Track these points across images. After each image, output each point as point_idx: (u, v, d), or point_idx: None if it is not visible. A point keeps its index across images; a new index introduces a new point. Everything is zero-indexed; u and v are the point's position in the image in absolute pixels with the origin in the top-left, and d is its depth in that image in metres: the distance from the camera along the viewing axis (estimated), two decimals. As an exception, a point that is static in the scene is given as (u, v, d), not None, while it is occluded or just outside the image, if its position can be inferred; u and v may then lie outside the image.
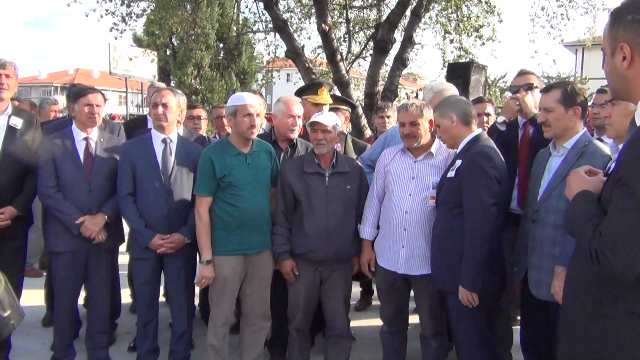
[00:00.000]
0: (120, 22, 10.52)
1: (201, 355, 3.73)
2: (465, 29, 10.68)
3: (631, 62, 1.52)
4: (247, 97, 3.24)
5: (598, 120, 4.05)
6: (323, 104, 3.99)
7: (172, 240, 3.40)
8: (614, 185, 1.52)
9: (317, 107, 3.93)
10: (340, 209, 3.27)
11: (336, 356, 3.47)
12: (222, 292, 3.29)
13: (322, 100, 4.00)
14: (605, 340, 1.56)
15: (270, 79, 14.68)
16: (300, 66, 9.24)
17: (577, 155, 2.72)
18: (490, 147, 2.94)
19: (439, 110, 3.05)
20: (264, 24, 12.30)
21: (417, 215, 3.12)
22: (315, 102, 3.98)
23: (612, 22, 1.57)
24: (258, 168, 3.30)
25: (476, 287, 2.78)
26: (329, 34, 8.91)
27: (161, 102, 3.41)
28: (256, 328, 3.45)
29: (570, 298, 1.77)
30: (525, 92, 3.51)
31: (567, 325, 1.75)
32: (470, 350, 2.97)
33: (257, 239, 3.29)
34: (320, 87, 4.07)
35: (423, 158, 3.22)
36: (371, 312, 4.79)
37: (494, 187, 2.81)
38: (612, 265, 1.45)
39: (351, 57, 12.35)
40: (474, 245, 2.77)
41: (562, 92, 2.79)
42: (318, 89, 4.04)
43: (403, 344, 3.51)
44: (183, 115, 4.12)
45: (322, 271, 3.33)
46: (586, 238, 1.55)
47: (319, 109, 3.86)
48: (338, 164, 3.32)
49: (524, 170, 3.36)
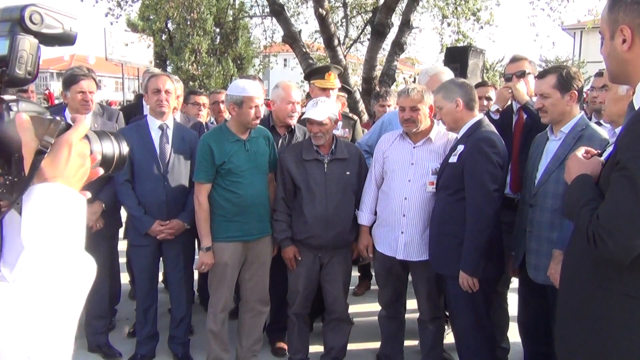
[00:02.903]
0: (116, 7, 10.42)
1: (200, 340, 3.75)
2: (463, 13, 10.61)
3: (631, 45, 1.51)
4: (252, 87, 3.19)
5: (596, 104, 4.05)
6: (331, 89, 3.96)
7: (171, 226, 3.40)
8: (611, 169, 1.53)
9: (324, 91, 3.91)
10: (340, 194, 3.27)
11: (335, 340, 3.50)
12: (222, 278, 3.30)
13: (330, 84, 3.97)
14: (602, 322, 1.57)
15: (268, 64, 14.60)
16: (297, 51, 9.17)
17: (575, 139, 2.71)
18: (493, 133, 2.94)
19: (443, 93, 3.03)
20: (260, 9, 12.21)
21: (416, 201, 3.13)
22: (322, 86, 3.95)
23: (612, 4, 1.55)
24: (257, 154, 3.29)
25: (477, 272, 2.79)
26: (326, 19, 8.84)
27: (164, 89, 3.39)
28: (255, 313, 3.47)
29: (567, 281, 1.78)
30: (517, 80, 3.51)
31: (564, 308, 1.77)
32: (468, 333, 2.99)
33: (257, 225, 3.30)
34: (328, 71, 4.03)
35: (422, 144, 3.22)
36: (369, 297, 4.82)
37: (497, 172, 2.82)
38: (609, 248, 1.46)
39: (349, 41, 12.29)
40: (476, 230, 2.78)
41: (557, 77, 2.78)
42: (325, 73, 4.00)
43: (401, 328, 3.54)
44: (179, 102, 4.10)
45: (322, 256, 3.35)
46: (584, 221, 1.55)
47: (326, 94, 3.84)
48: (337, 151, 3.31)
49: (517, 156, 3.37)
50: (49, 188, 0.90)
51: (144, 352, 3.58)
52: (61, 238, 0.87)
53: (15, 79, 0.97)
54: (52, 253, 0.84)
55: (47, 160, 0.92)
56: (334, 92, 3.98)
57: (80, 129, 0.98)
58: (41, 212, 0.88)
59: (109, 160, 1.08)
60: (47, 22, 0.99)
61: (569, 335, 1.72)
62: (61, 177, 0.92)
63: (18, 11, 0.97)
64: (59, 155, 0.93)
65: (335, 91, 4.02)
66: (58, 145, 0.94)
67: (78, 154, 0.96)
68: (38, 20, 0.98)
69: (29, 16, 0.97)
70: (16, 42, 0.96)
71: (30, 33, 0.97)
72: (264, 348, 3.69)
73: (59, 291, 0.82)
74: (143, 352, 3.58)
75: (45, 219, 0.87)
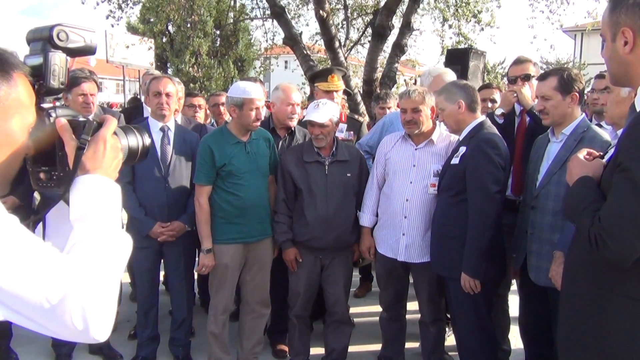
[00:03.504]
0: (117, 10, 10.42)
1: (201, 342, 3.75)
2: (464, 15, 10.61)
3: (633, 47, 1.51)
4: (253, 90, 3.19)
5: (597, 106, 4.04)
6: (334, 91, 3.95)
7: (172, 228, 3.40)
8: (613, 171, 1.52)
9: (328, 94, 3.90)
10: (340, 196, 3.27)
11: (336, 342, 3.49)
12: (223, 280, 3.30)
13: (333, 87, 3.96)
14: (603, 325, 1.56)
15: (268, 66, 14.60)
16: (298, 53, 9.17)
17: (576, 141, 2.71)
18: (495, 134, 2.94)
19: (445, 95, 3.03)
20: (261, 11, 12.21)
21: (417, 203, 3.13)
22: (326, 89, 3.94)
23: (613, 6, 1.55)
24: (257, 156, 3.29)
25: (479, 274, 2.79)
26: (327, 21, 8.84)
27: (165, 92, 3.39)
28: (256, 315, 3.47)
29: (568, 283, 1.77)
30: (523, 83, 3.49)
31: (565, 310, 1.76)
32: (469, 335, 2.99)
33: (257, 227, 3.30)
34: (331, 73, 4.03)
35: (424, 145, 3.22)
36: (370, 299, 4.81)
37: (499, 174, 2.82)
38: (611, 251, 1.45)
39: (349, 43, 12.28)
40: (478, 232, 2.78)
41: (558, 79, 2.78)
42: (328, 76, 4.00)
43: (402, 330, 3.53)
44: (181, 104, 4.10)
45: (323, 258, 3.35)
46: (585, 223, 1.55)
47: (330, 96, 3.83)
48: (338, 152, 3.31)
49: (519, 158, 3.37)
50: (91, 179, 1.09)
51: (145, 354, 3.58)
52: (103, 218, 1.06)
53: (51, 90, 1.14)
54: (98, 230, 1.04)
55: (87, 155, 1.10)
56: (338, 94, 3.97)
57: (111, 126, 1.16)
58: (86, 199, 1.07)
59: (135, 152, 1.25)
60: (72, 37, 1.16)
61: (571, 337, 1.71)
62: (100, 168, 1.11)
63: (47, 31, 1.14)
64: (97, 150, 1.11)
65: (339, 93, 4.01)
66: (94, 141, 1.12)
67: (111, 147, 1.14)
68: (64, 37, 1.15)
69: (56, 34, 1.14)
70: (49, 58, 1.12)
71: (59, 49, 1.14)
72: (264, 350, 3.68)
73: (105, 258, 1.01)
74: (144, 354, 3.58)
75: (90, 204, 1.06)
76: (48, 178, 1.14)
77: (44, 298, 0.90)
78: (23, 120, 1.03)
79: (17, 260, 0.89)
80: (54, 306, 0.90)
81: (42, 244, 0.95)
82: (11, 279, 0.88)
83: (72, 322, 0.92)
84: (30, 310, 0.90)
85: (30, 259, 0.90)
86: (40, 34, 1.15)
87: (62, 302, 0.91)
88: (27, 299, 0.89)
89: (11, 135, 1.01)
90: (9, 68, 1.00)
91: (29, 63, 1.12)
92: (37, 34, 1.15)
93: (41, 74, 1.12)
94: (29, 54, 1.16)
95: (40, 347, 3.75)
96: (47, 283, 0.90)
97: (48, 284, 0.90)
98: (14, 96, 1.00)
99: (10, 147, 1.01)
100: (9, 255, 0.89)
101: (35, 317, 0.92)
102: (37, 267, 0.90)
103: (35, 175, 1.16)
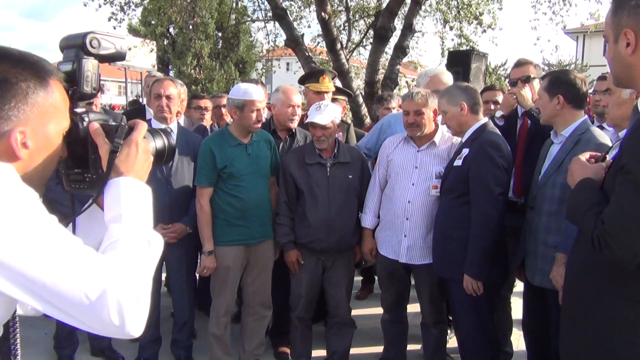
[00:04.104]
0: (119, 12, 10.45)
1: (203, 344, 3.74)
2: (466, 17, 10.61)
3: (635, 48, 1.50)
4: (254, 91, 3.19)
5: (599, 107, 4.04)
6: (325, 92, 3.96)
7: (174, 229, 3.40)
8: (616, 173, 1.52)
9: (319, 95, 3.90)
10: (342, 198, 3.27)
11: (338, 344, 3.48)
12: (224, 282, 3.30)
13: (324, 88, 3.97)
14: (606, 327, 1.56)
15: (270, 68, 14.62)
16: (300, 55, 9.18)
17: (574, 142, 2.72)
18: (498, 136, 2.94)
19: (447, 97, 3.03)
20: (263, 13, 12.23)
21: (419, 205, 3.12)
22: (317, 90, 3.95)
23: (615, 8, 1.55)
24: (258, 158, 3.29)
25: (481, 275, 2.79)
26: (329, 23, 8.84)
27: (165, 94, 3.39)
28: (257, 317, 3.47)
29: (571, 285, 1.77)
30: (523, 85, 3.51)
31: (568, 312, 1.76)
32: (471, 337, 2.98)
33: (259, 228, 3.30)
34: (322, 74, 4.03)
35: (426, 147, 3.21)
36: (372, 301, 4.80)
37: (502, 176, 2.82)
38: (614, 253, 1.45)
39: (351, 45, 12.28)
40: (481, 234, 2.78)
41: (548, 80, 2.83)
42: (319, 77, 4.01)
43: (404, 332, 3.53)
44: (183, 106, 4.11)
45: (325, 260, 3.34)
46: (588, 226, 1.54)
47: (321, 97, 3.84)
48: (339, 154, 3.31)
49: (520, 160, 3.37)
50: (125, 181, 1.14)
51: (146, 356, 3.57)
52: (137, 219, 1.11)
53: (84, 95, 1.19)
54: (132, 230, 1.09)
55: (120, 158, 1.14)
56: (328, 95, 3.98)
57: (142, 130, 1.20)
58: (121, 201, 1.11)
59: (162, 153, 1.30)
60: (103, 44, 1.21)
61: (574, 340, 1.71)
62: (132, 171, 1.16)
63: (80, 38, 1.18)
64: (129, 153, 1.16)
65: (329, 94, 4.02)
66: (127, 145, 1.16)
67: (143, 150, 1.19)
68: (96, 44, 1.19)
69: (89, 42, 1.18)
70: (82, 65, 1.17)
71: (91, 55, 1.19)
72: (266, 352, 3.68)
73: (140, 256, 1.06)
74: (146, 356, 3.57)
75: (125, 205, 1.11)
76: (80, 180, 1.20)
77: (84, 294, 0.93)
78: (58, 124, 1.08)
79: (58, 258, 0.93)
80: (93, 302, 0.94)
81: (80, 242, 0.98)
82: (52, 276, 0.92)
83: (109, 317, 0.95)
84: (69, 305, 0.94)
85: (71, 256, 0.94)
86: (74, 41, 1.19)
87: (101, 298, 0.94)
88: (67, 295, 0.93)
89: (48, 139, 1.06)
90: (46, 75, 1.04)
91: (63, 69, 1.16)
92: (71, 42, 1.20)
93: (75, 79, 1.16)
94: (62, 60, 1.20)
95: (43, 349, 3.75)
96: (86, 280, 0.94)
97: (87, 281, 0.94)
98: (50, 102, 1.04)
99: (47, 151, 1.06)
100: (50, 253, 0.92)
101: (73, 312, 0.95)
102: (77, 265, 0.94)
103: (67, 177, 1.21)
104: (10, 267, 0.89)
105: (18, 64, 1.01)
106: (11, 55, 1.02)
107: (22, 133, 1.00)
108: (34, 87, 1.01)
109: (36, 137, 1.02)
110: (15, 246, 0.89)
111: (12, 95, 0.98)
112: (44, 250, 0.92)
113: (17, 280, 0.91)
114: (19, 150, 1.00)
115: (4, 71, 0.98)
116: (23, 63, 1.02)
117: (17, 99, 0.99)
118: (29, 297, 0.93)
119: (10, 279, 0.90)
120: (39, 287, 0.91)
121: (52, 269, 0.92)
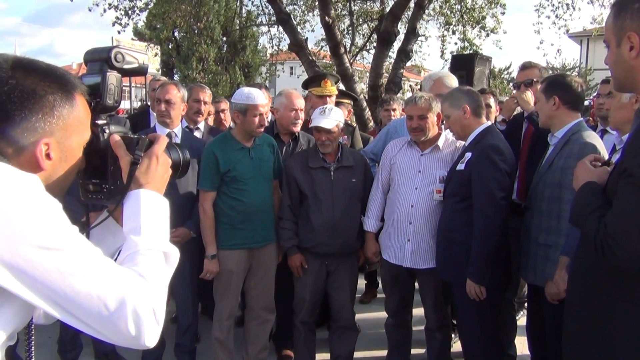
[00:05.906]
0: (123, 16, 10.49)
1: (207, 348, 3.74)
2: (469, 21, 10.61)
3: (639, 52, 1.49)
4: (257, 96, 3.19)
5: (602, 110, 4.04)
6: (328, 95, 3.97)
7: (177, 234, 3.39)
8: (619, 176, 1.52)
9: (322, 99, 3.91)
10: (346, 202, 3.27)
11: (342, 348, 3.48)
12: (227, 286, 3.30)
13: (327, 91, 3.98)
14: (609, 331, 1.56)
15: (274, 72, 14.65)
16: (303, 59, 9.20)
17: (564, 143, 2.72)
18: (501, 140, 2.94)
19: (450, 101, 3.03)
20: (267, 17, 12.25)
21: (423, 209, 3.12)
22: (319, 94, 3.96)
23: (617, 11, 1.54)
24: (261, 161, 3.30)
25: (484, 280, 2.78)
26: (332, 27, 8.85)
27: (164, 99, 3.40)
28: (261, 321, 3.46)
29: (574, 288, 1.76)
30: (525, 89, 3.51)
31: (571, 315, 1.75)
32: (475, 341, 2.97)
33: (262, 232, 3.30)
34: (324, 78, 4.05)
35: (430, 151, 3.21)
36: (376, 305, 4.79)
37: (504, 180, 2.81)
38: (616, 257, 1.45)
39: (355, 49, 12.30)
40: (484, 238, 2.77)
41: (545, 82, 2.87)
42: (322, 81, 4.02)
43: (408, 336, 3.52)
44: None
45: (329, 264, 3.34)
46: (591, 229, 1.54)
47: (324, 101, 3.85)
48: (343, 158, 3.31)
49: (524, 163, 3.37)
50: (145, 193, 1.16)
51: (150, 360, 3.57)
52: (155, 231, 1.13)
53: (106, 108, 1.21)
54: (150, 242, 1.11)
55: (140, 170, 1.18)
56: (331, 98, 3.99)
57: (163, 144, 1.23)
58: (140, 212, 1.14)
59: (177, 166, 1.32)
60: (127, 59, 1.24)
61: (577, 343, 1.70)
62: (152, 183, 1.18)
63: (106, 52, 1.22)
64: (150, 165, 1.19)
65: (332, 98, 4.02)
66: (148, 157, 1.19)
67: (162, 163, 1.22)
68: (121, 59, 1.23)
69: (114, 56, 1.22)
70: (106, 78, 1.20)
71: (115, 69, 1.22)
72: (270, 356, 3.68)
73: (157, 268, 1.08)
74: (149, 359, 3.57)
75: (144, 217, 1.13)
76: (97, 190, 1.22)
77: (103, 305, 0.95)
78: (81, 137, 1.10)
79: (80, 268, 0.94)
80: (111, 313, 0.95)
81: (101, 253, 1.00)
82: (73, 286, 0.93)
83: (126, 328, 0.97)
84: (87, 314, 0.95)
85: (92, 267, 0.96)
86: (99, 55, 1.23)
87: (119, 309, 0.96)
88: (87, 304, 0.94)
89: (71, 151, 1.08)
90: (71, 88, 1.06)
91: (87, 82, 1.19)
92: (96, 55, 1.23)
93: (98, 92, 1.19)
94: (86, 73, 1.23)
95: (47, 352, 3.76)
96: (106, 291, 0.96)
97: (107, 291, 0.96)
98: (75, 115, 1.07)
99: (69, 162, 1.09)
100: (73, 263, 0.94)
101: (91, 321, 0.97)
102: (98, 275, 0.96)
103: (85, 187, 1.23)
104: (33, 275, 0.90)
105: (46, 77, 1.03)
106: (39, 69, 1.03)
107: (47, 145, 1.02)
108: (60, 100, 1.03)
109: (59, 149, 1.04)
110: (40, 255, 0.90)
111: (40, 108, 1.00)
112: (67, 260, 0.93)
113: (39, 289, 0.92)
114: (43, 162, 1.02)
115: (32, 84, 1.00)
116: (50, 76, 1.04)
117: (44, 111, 1.01)
118: (49, 305, 0.94)
119: (32, 287, 0.91)
120: (59, 296, 0.93)
121: (74, 278, 0.93)
